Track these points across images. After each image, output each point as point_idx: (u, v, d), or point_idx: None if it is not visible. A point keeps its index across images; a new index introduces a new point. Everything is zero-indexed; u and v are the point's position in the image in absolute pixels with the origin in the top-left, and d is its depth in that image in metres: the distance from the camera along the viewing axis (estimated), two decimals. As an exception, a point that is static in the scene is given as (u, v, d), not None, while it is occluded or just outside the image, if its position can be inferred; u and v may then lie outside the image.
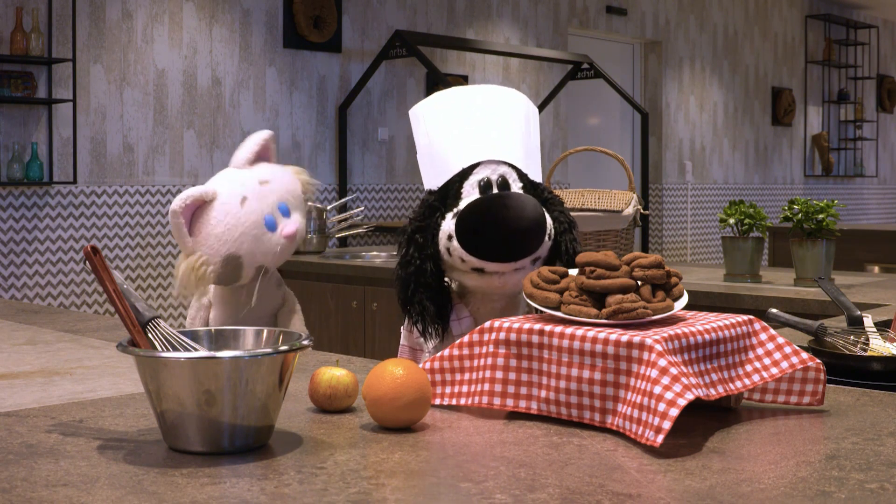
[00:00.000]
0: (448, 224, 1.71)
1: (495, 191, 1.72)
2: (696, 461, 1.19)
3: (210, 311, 1.96)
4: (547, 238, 1.71)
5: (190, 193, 1.85)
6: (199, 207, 1.85)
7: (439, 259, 1.74)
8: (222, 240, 1.83)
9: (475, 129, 1.81)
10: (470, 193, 1.73)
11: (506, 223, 1.67)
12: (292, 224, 1.88)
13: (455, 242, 1.69)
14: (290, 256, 2.09)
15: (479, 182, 1.73)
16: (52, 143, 5.27)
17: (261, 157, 1.96)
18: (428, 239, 1.74)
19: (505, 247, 1.67)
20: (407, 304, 1.77)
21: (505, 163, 1.75)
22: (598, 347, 1.31)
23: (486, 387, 1.40)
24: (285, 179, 1.93)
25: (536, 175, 1.81)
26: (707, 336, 1.36)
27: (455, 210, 1.71)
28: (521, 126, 1.85)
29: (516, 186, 1.73)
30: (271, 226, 1.86)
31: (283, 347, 1.24)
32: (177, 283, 1.85)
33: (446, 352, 1.47)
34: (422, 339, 1.81)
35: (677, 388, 1.23)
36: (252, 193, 1.86)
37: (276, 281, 1.96)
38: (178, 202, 1.83)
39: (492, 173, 1.73)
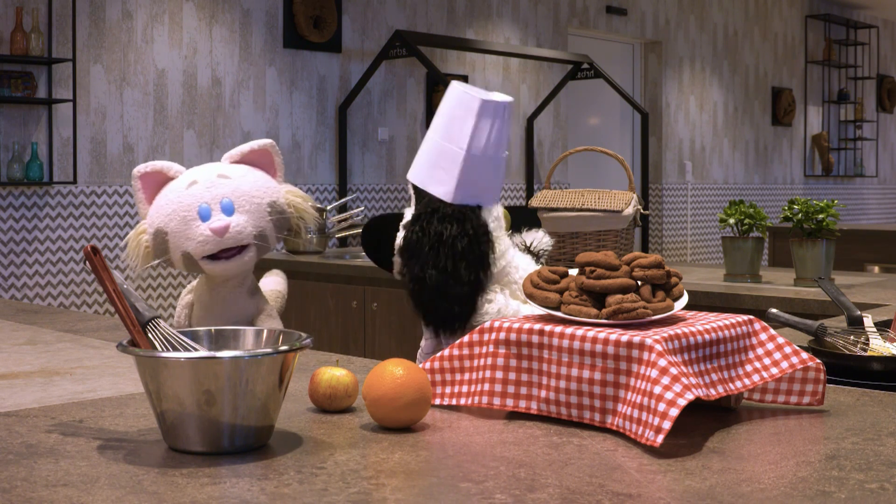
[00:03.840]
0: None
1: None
2: (696, 461, 1.19)
3: (192, 309, 1.97)
4: (396, 256, 1.91)
5: (153, 163, 1.89)
6: (166, 181, 1.88)
7: None
8: (159, 213, 1.85)
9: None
10: None
11: None
12: (222, 222, 1.82)
13: None
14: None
15: None
16: (52, 143, 5.27)
17: (255, 163, 1.93)
18: None
19: None
20: None
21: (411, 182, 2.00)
22: (598, 347, 1.31)
23: (486, 387, 1.40)
24: (253, 183, 1.86)
25: (443, 182, 1.92)
26: (707, 336, 1.36)
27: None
28: (438, 135, 1.94)
29: (413, 200, 1.95)
30: (204, 215, 1.82)
31: (283, 347, 1.24)
32: (126, 247, 1.89)
33: (446, 352, 1.47)
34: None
35: (677, 388, 1.23)
36: (204, 181, 1.85)
37: (248, 289, 1.93)
38: (139, 167, 1.87)
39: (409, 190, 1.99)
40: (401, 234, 1.90)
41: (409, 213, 1.92)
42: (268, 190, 1.88)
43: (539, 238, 2.06)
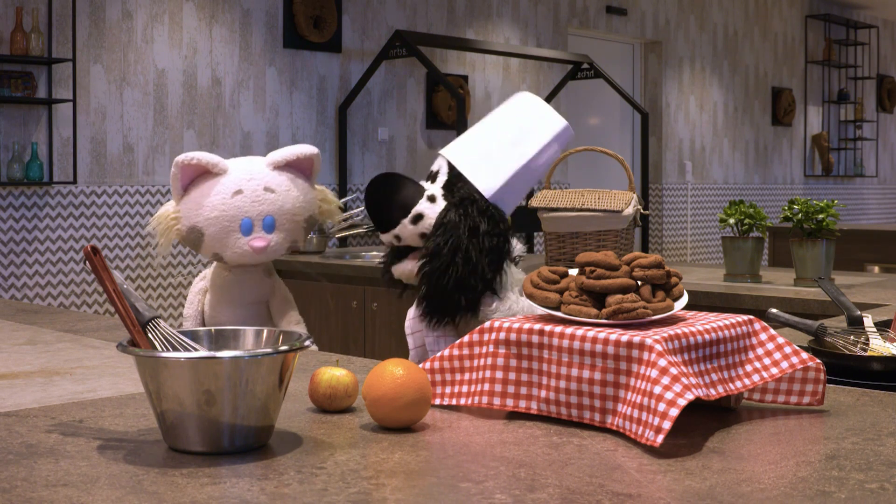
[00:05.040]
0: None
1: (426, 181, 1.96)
2: (696, 461, 1.19)
3: (206, 295, 1.99)
4: (407, 219, 1.86)
5: (199, 157, 1.89)
6: (206, 172, 1.90)
7: None
8: (198, 211, 1.86)
9: (469, 132, 2.03)
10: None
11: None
12: (263, 240, 1.88)
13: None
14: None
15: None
16: (52, 143, 5.27)
17: (298, 168, 1.96)
18: None
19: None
20: None
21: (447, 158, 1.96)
22: (598, 347, 1.31)
23: (486, 387, 1.40)
24: (296, 199, 1.92)
25: (489, 177, 1.92)
26: (707, 336, 1.36)
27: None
28: (504, 136, 1.95)
29: (442, 178, 1.91)
30: (246, 229, 1.86)
31: (283, 347, 1.24)
32: (153, 221, 1.93)
33: (446, 352, 1.47)
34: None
35: (677, 388, 1.23)
36: (249, 192, 1.87)
37: (263, 270, 1.97)
38: (183, 157, 1.90)
39: (434, 165, 1.95)
40: (439, 207, 1.87)
41: (430, 187, 1.91)
42: (307, 205, 1.94)
43: (513, 244, 2.07)
